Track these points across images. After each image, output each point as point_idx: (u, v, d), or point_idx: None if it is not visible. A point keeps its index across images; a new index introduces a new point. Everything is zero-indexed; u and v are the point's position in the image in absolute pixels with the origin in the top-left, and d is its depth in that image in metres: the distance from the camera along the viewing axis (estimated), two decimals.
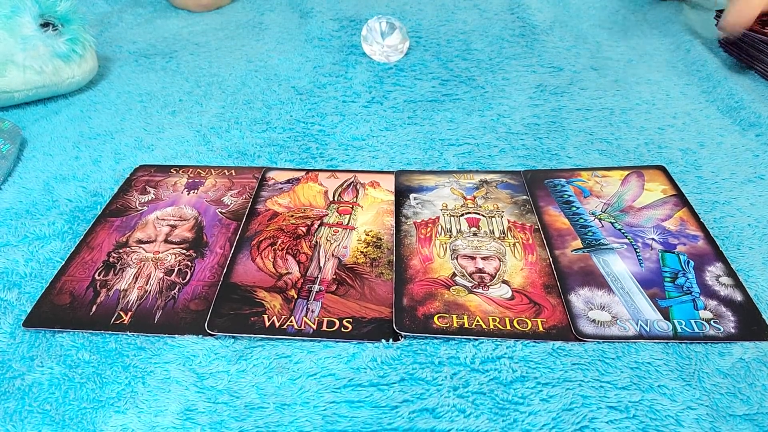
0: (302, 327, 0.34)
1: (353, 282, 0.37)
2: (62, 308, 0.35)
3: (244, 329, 0.34)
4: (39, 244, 0.41)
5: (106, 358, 0.33)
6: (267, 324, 0.34)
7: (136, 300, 0.36)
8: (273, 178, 0.47)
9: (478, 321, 0.34)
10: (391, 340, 0.33)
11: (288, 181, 0.47)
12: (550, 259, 0.39)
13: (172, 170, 0.48)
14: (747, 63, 0.62)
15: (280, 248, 0.40)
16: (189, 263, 0.39)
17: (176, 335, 0.34)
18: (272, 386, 0.31)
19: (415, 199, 0.44)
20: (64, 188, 0.46)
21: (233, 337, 0.34)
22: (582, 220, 0.42)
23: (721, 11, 0.63)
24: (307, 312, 0.35)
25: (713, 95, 0.57)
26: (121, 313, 0.35)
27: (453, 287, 0.36)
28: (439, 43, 0.69)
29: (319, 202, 0.45)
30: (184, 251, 0.40)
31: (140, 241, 0.41)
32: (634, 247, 0.39)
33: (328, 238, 0.41)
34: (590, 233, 0.41)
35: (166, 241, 0.41)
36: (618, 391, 0.31)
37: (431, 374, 0.32)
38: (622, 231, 0.41)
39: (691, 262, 0.38)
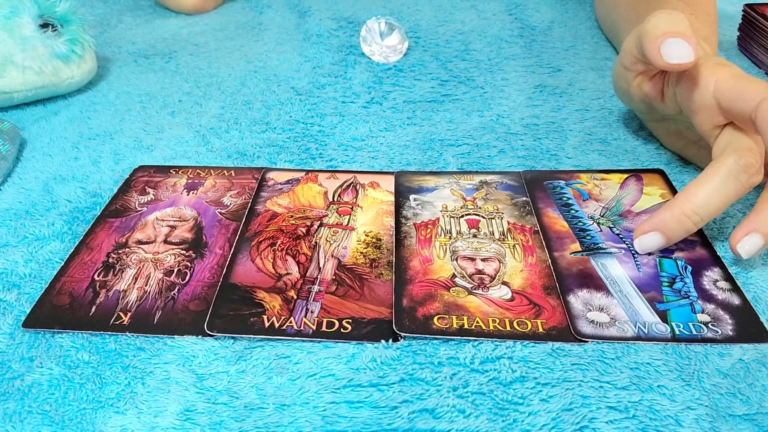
0: (302, 327, 0.34)
1: (353, 283, 0.37)
2: (62, 309, 0.35)
3: (243, 330, 0.34)
4: (38, 245, 0.41)
5: (105, 358, 0.33)
6: (266, 324, 0.34)
7: (136, 301, 0.36)
8: (272, 179, 0.47)
9: (477, 322, 0.34)
10: (390, 341, 0.33)
11: (288, 182, 0.47)
12: (549, 260, 0.39)
13: (171, 171, 0.48)
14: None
15: (279, 249, 0.40)
16: (188, 264, 0.39)
17: (176, 336, 0.34)
18: (272, 387, 0.31)
19: (415, 200, 0.44)
20: (64, 189, 0.46)
21: (233, 337, 0.34)
22: (581, 224, 0.42)
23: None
24: (306, 312, 0.35)
25: None
26: (121, 313, 0.35)
27: (453, 288, 0.37)
28: (437, 43, 0.69)
29: (318, 202, 0.45)
30: (184, 252, 0.40)
31: (140, 242, 0.41)
32: (632, 252, 0.39)
33: (328, 239, 0.41)
34: (588, 237, 0.41)
35: (165, 241, 0.41)
36: (618, 392, 0.31)
37: (431, 374, 0.32)
38: (620, 236, 0.41)
39: (689, 267, 0.38)
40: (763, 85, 0.36)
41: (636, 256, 0.39)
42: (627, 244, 0.40)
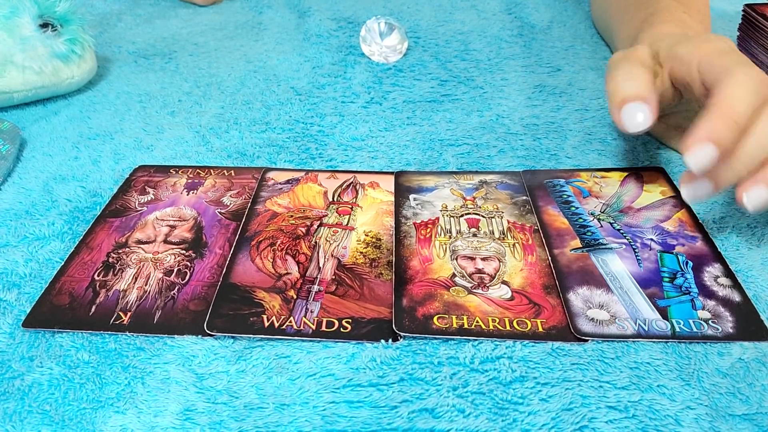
0: (301, 327, 0.34)
1: (352, 282, 0.37)
2: (62, 309, 0.35)
3: (243, 329, 0.34)
4: (38, 245, 0.41)
5: (105, 358, 0.33)
6: (266, 324, 0.34)
7: (136, 300, 0.36)
8: (272, 179, 0.47)
9: (477, 321, 0.34)
10: (390, 341, 0.33)
11: (287, 182, 0.47)
12: (549, 259, 0.39)
13: (171, 170, 0.48)
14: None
15: (279, 249, 0.40)
16: (188, 263, 0.39)
17: (176, 335, 0.34)
18: (271, 386, 0.31)
19: (414, 200, 0.44)
20: (64, 188, 0.46)
21: (233, 337, 0.34)
22: (581, 220, 0.42)
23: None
24: (306, 312, 0.35)
25: None
26: (121, 313, 0.35)
27: (453, 288, 0.37)
28: (437, 43, 0.69)
29: (318, 202, 0.45)
30: (184, 251, 0.40)
31: (139, 242, 0.41)
32: (633, 247, 0.39)
33: (328, 239, 0.41)
34: (589, 233, 0.41)
35: (165, 241, 0.41)
36: (617, 391, 0.31)
37: (430, 374, 0.32)
38: (621, 231, 0.41)
39: (690, 263, 0.38)
40: (731, 60, 0.37)
41: (637, 251, 0.39)
42: (628, 239, 0.40)
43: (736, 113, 0.35)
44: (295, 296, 0.36)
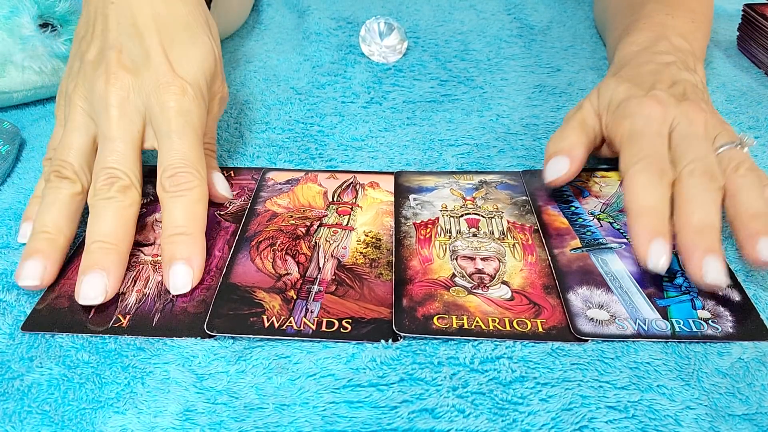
0: (301, 327, 0.34)
1: (352, 283, 0.37)
2: (61, 311, 0.35)
3: (243, 330, 0.34)
4: None
5: (105, 358, 0.33)
6: (266, 324, 0.34)
7: (135, 303, 0.36)
8: (272, 179, 0.47)
9: (477, 322, 0.34)
10: (390, 341, 0.33)
11: (287, 182, 0.47)
12: (549, 259, 0.39)
13: None
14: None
15: (279, 249, 0.40)
16: None
17: (175, 338, 0.34)
18: (271, 387, 0.31)
19: (414, 200, 0.44)
20: None
21: (232, 337, 0.34)
22: (581, 220, 0.42)
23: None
24: (306, 312, 0.35)
25: (712, 96, 0.57)
26: (120, 316, 0.35)
27: (452, 288, 0.37)
28: (437, 43, 0.69)
29: (318, 202, 0.45)
30: None
31: (138, 244, 0.41)
32: None
33: (328, 239, 0.41)
34: (589, 233, 0.41)
35: None
36: (617, 391, 0.31)
37: (430, 374, 0.32)
38: (621, 231, 0.41)
39: None
40: (631, 152, 0.39)
41: None
42: (628, 239, 0.40)
43: (651, 208, 0.36)
44: (295, 296, 0.36)
